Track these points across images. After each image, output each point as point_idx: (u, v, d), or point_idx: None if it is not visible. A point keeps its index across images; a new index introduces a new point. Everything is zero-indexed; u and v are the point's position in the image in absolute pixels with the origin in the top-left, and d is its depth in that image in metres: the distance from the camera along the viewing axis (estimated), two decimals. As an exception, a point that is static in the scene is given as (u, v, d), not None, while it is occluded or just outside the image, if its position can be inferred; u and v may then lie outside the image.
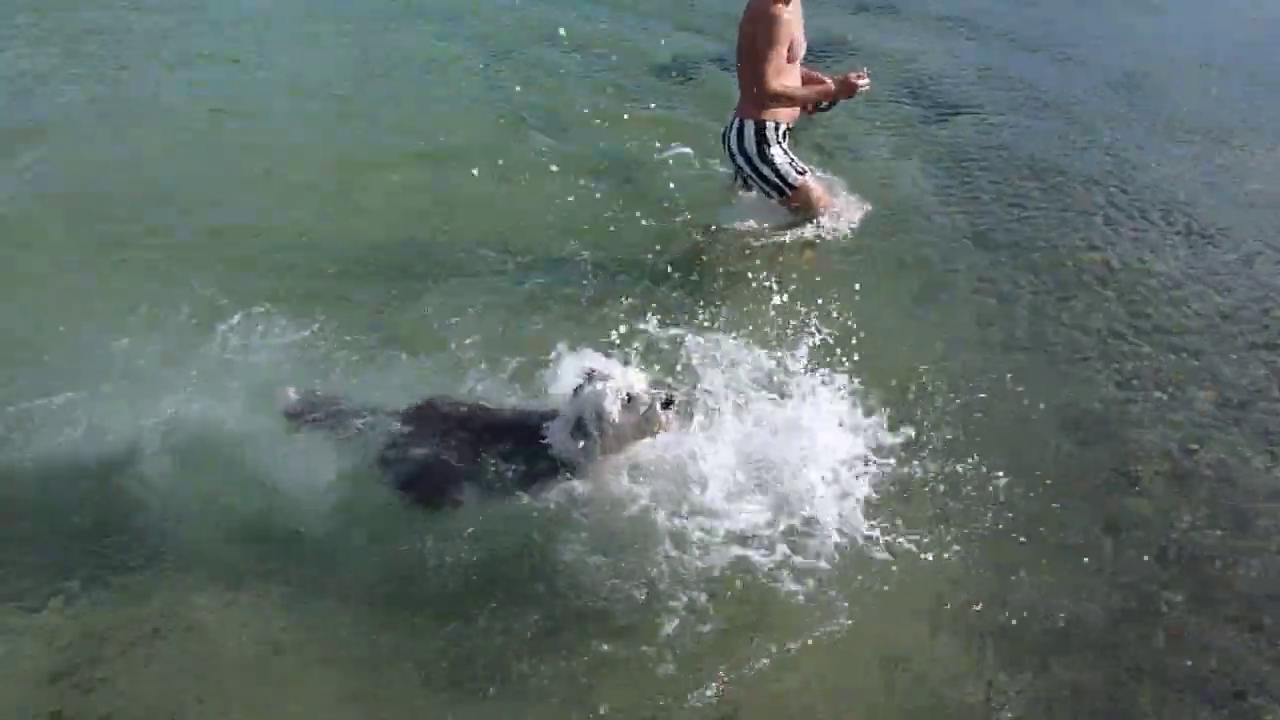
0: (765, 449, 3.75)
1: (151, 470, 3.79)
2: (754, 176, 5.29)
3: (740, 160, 5.28)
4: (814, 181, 5.38)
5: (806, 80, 5.30)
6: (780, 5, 4.85)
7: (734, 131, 5.26)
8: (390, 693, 3.14)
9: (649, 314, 4.46)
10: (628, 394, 3.58)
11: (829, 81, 5.18)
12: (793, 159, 5.27)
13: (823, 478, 3.65)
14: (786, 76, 5.05)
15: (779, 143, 5.23)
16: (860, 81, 5.15)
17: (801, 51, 5.08)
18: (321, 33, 8.90)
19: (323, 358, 4.41)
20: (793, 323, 4.29)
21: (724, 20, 7.43)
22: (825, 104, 5.36)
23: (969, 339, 4.75)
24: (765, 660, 3.19)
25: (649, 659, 3.19)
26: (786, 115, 5.24)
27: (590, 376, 3.63)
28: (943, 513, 3.72)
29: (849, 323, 4.34)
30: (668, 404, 3.61)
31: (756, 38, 4.91)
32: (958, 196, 6.06)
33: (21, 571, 3.52)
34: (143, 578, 3.49)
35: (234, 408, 3.99)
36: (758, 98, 5.04)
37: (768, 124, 5.18)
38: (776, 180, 5.24)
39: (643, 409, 3.60)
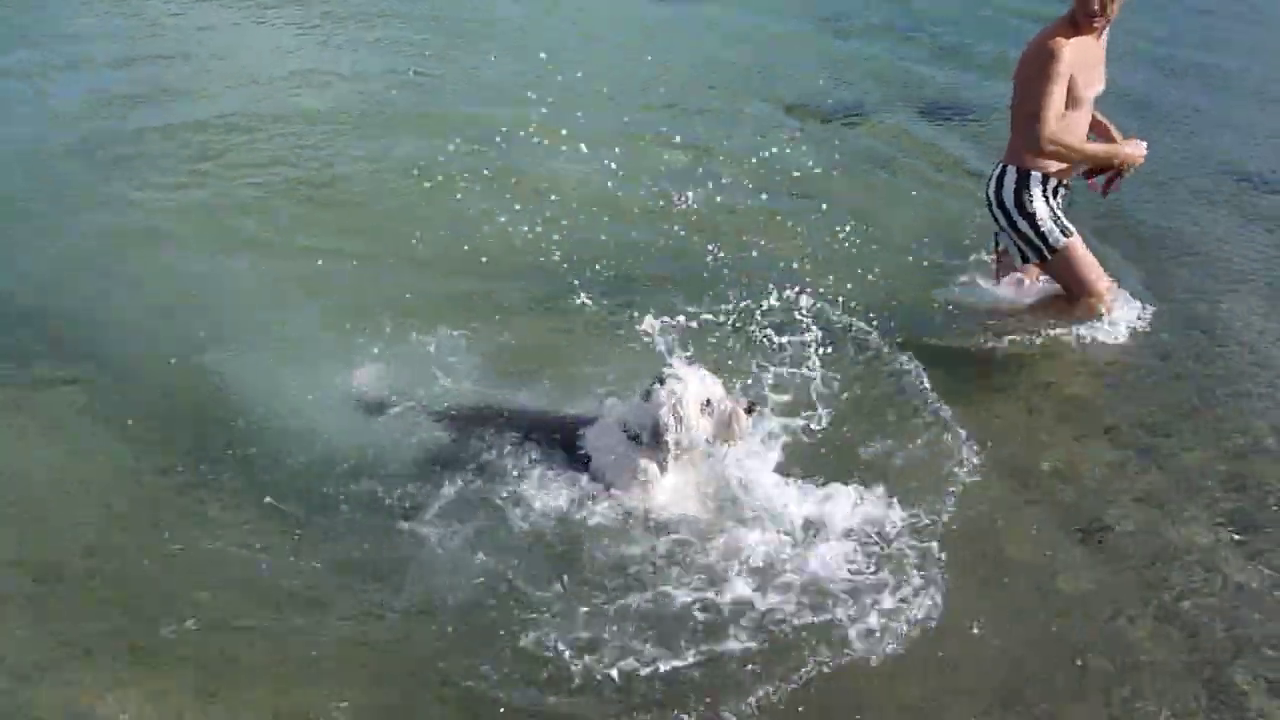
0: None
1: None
2: (1010, 231, 4.62)
3: (997, 211, 4.61)
4: (1084, 250, 4.60)
5: (1099, 131, 4.64)
6: (1059, 40, 4.21)
7: (994, 178, 4.63)
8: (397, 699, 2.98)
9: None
10: (708, 397, 3.35)
11: (1119, 144, 4.50)
12: (1059, 216, 4.56)
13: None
14: (1068, 124, 4.38)
15: (1045, 196, 4.53)
16: (1141, 153, 4.46)
17: (1090, 95, 4.42)
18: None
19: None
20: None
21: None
22: (1098, 174, 4.60)
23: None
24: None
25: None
26: (1059, 168, 4.55)
27: (663, 379, 3.36)
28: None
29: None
30: (749, 410, 3.39)
31: (1031, 76, 4.31)
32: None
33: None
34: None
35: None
36: (1028, 143, 4.40)
37: (1034, 173, 4.51)
38: (1034, 238, 4.54)
39: (723, 414, 3.36)
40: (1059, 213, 4.57)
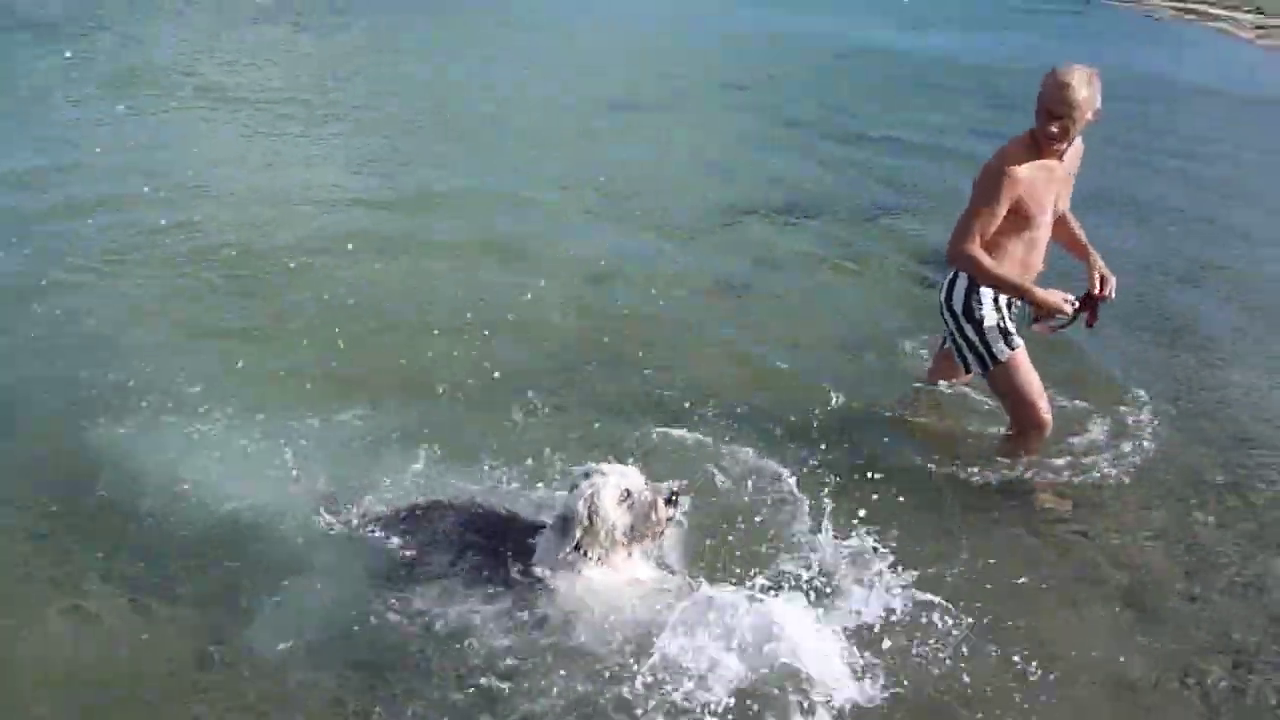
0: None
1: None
2: (957, 335, 4.70)
3: (946, 315, 4.71)
4: (1027, 366, 4.63)
5: (1071, 246, 4.66)
6: (1012, 167, 4.26)
7: (946, 282, 4.71)
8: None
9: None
10: (626, 489, 3.42)
11: (1033, 290, 4.43)
12: (1007, 329, 4.58)
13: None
14: (1023, 245, 4.38)
15: (995, 305, 4.59)
16: (1062, 309, 4.42)
17: (1044, 218, 4.41)
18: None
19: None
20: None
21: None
22: (1057, 318, 4.58)
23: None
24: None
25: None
26: (1015, 279, 4.53)
27: (588, 474, 3.51)
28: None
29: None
30: (670, 500, 3.45)
31: (975, 187, 4.39)
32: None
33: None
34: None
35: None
36: (950, 253, 4.47)
37: (984, 285, 4.55)
38: (979, 345, 4.62)
39: (643, 505, 3.43)
40: (1009, 323, 4.55)
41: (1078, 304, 4.35)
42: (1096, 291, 4.39)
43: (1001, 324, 4.53)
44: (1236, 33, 41.34)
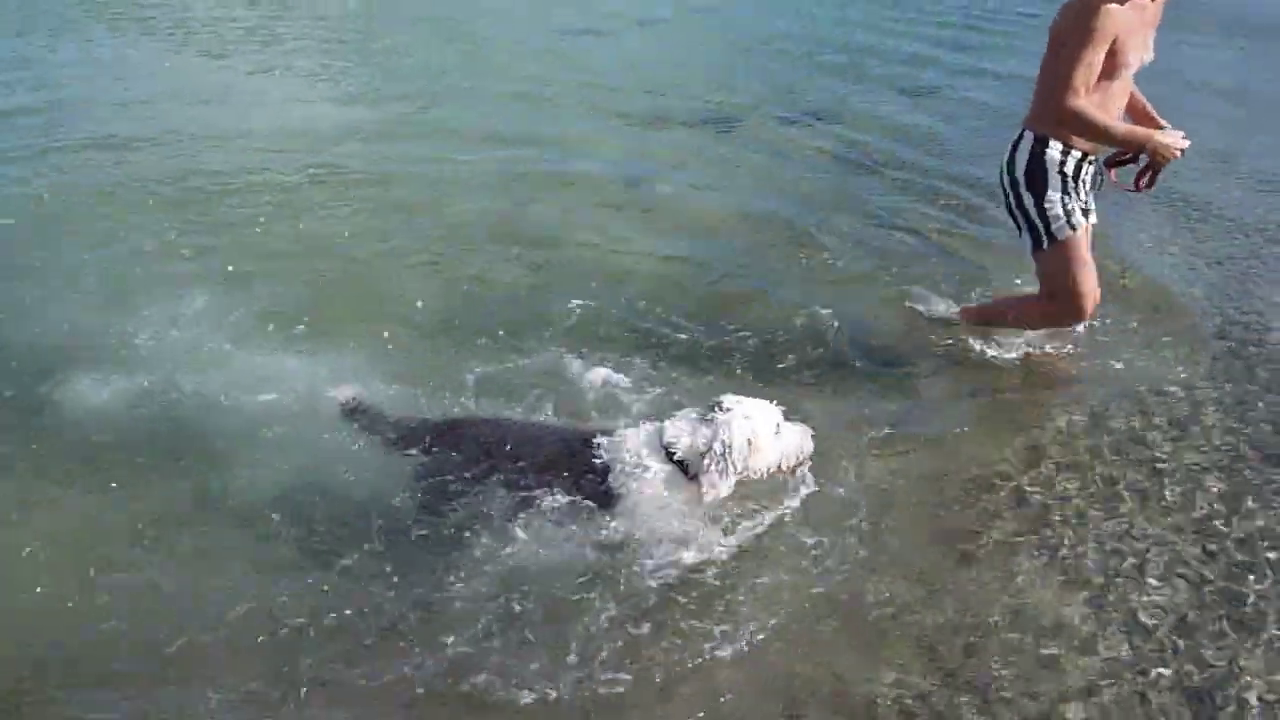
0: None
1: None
2: (1013, 206, 4.02)
3: (1005, 181, 4.03)
4: (1085, 252, 3.98)
5: (1136, 113, 4.01)
6: (1098, 12, 3.59)
7: (1010, 145, 4.03)
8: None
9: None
10: (777, 422, 3.16)
11: (1154, 129, 3.82)
12: (1070, 203, 3.91)
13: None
14: (1101, 95, 3.76)
15: (1062, 172, 3.90)
16: (1179, 144, 3.77)
17: (1135, 64, 3.79)
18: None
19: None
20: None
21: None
22: (1129, 157, 3.95)
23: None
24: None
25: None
26: (1085, 143, 3.91)
27: (722, 405, 3.14)
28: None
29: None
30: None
31: (1067, 30, 3.69)
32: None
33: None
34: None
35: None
36: (1051, 109, 3.78)
37: (1054, 142, 3.88)
38: (1036, 219, 3.94)
39: (793, 441, 3.19)
40: (1074, 197, 3.92)
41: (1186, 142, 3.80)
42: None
43: (1067, 197, 3.90)
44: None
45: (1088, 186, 4.01)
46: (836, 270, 5.36)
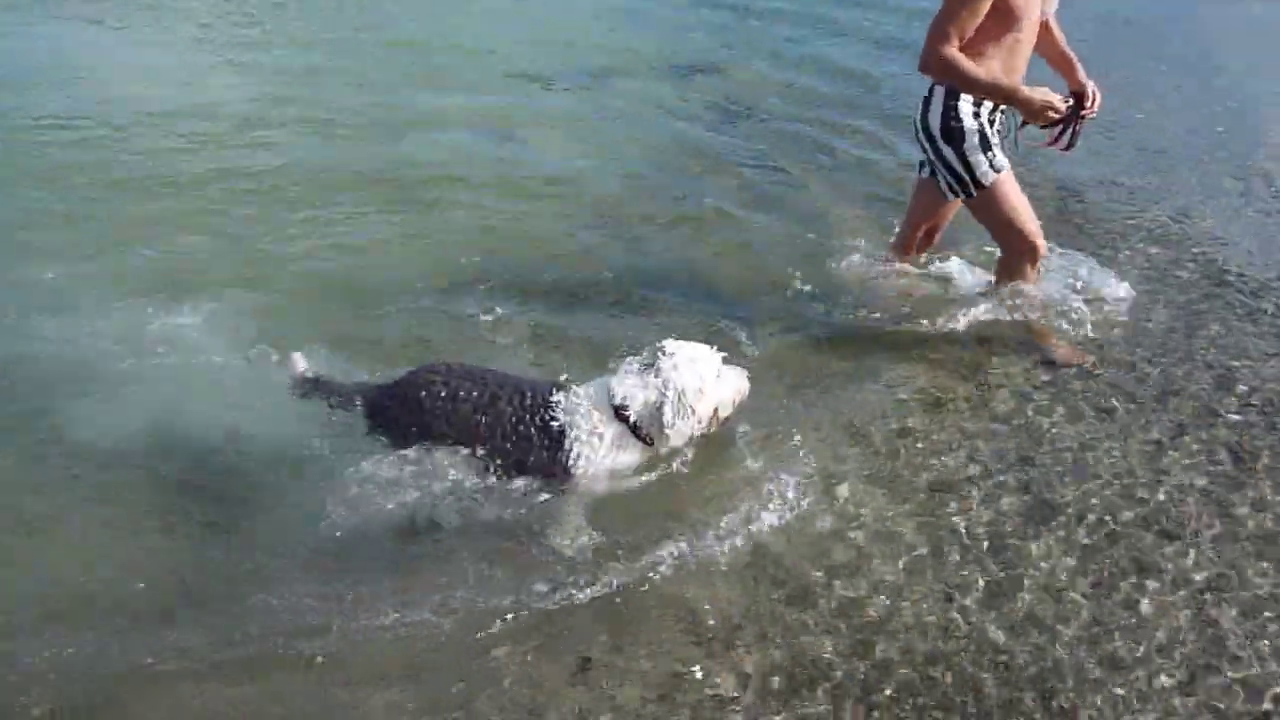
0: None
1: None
2: (936, 160, 4.03)
3: (922, 137, 4.04)
4: (1016, 190, 4.02)
5: (1055, 62, 4.03)
6: None
7: (922, 100, 4.02)
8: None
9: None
10: (717, 369, 3.13)
11: (1022, 89, 3.77)
12: (992, 148, 3.93)
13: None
14: (1004, 52, 3.75)
15: (978, 123, 3.90)
16: (1051, 104, 3.76)
17: (1032, 14, 3.76)
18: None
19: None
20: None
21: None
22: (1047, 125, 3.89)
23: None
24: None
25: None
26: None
27: (666, 350, 3.09)
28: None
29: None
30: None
31: None
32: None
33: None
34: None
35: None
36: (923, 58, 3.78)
37: (963, 94, 3.88)
38: (961, 169, 3.95)
39: (735, 386, 3.18)
40: (993, 142, 3.94)
41: (1069, 105, 3.78)
42: (1084, 106, 3.83)
43: (985, 142, 3.91)
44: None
45: (1001, 136, 4.03)
46: (701, 229, 5.59)
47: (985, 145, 3.91)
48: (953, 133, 3.90)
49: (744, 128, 7.40)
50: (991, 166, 3.93)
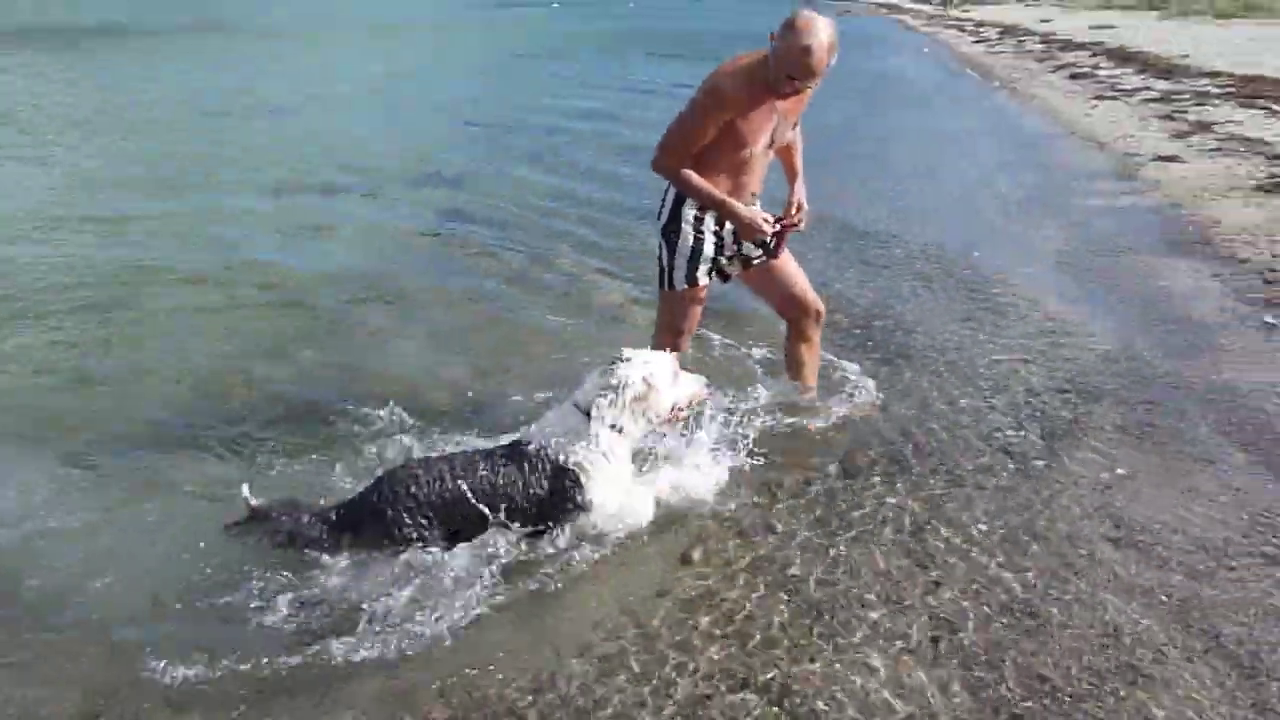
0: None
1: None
2: (658, 247, 4.12)
3: (658, 228, 4.12)
4: (693, 309, 4.11)
5: (789, 174, 4.15)
6: (729, 81, 3.68)
7: (661, 197, 4.10)
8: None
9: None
10: (674, 370, 3.40)
11: (735, 207, 3.82)
12: (696, 259, 3.99)
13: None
14: (734, 168, 3.85)
15: (698, 229, 3.98)
16: (760, 226, 3.84)
17: (760, 151, 3.85)
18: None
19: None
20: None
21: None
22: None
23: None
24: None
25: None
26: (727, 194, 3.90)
27: (625, 359, 3.35)
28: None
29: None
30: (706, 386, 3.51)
31: (692, 99, 3.81)
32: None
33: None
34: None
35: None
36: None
37: (689, 199, 3.98)
38: (665, 264, 4.06)
39: (689, 389, 3.41)
40: (705, 256, 3.99)
41: (777, 225, 3.98)
42: (788, 218, 4.01)
43: (697, 252, 4.01)
44: (910, 20, 46.75)
45: (731, 245, 4.06)
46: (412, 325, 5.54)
47: (694, 256, 4.01)
48: (669, 234, 4.03)
49: (495, 224, 7.73)
50: (685, 278, 4.04)
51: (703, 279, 4.05)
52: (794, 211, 4.01)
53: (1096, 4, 44.30)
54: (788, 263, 4.16)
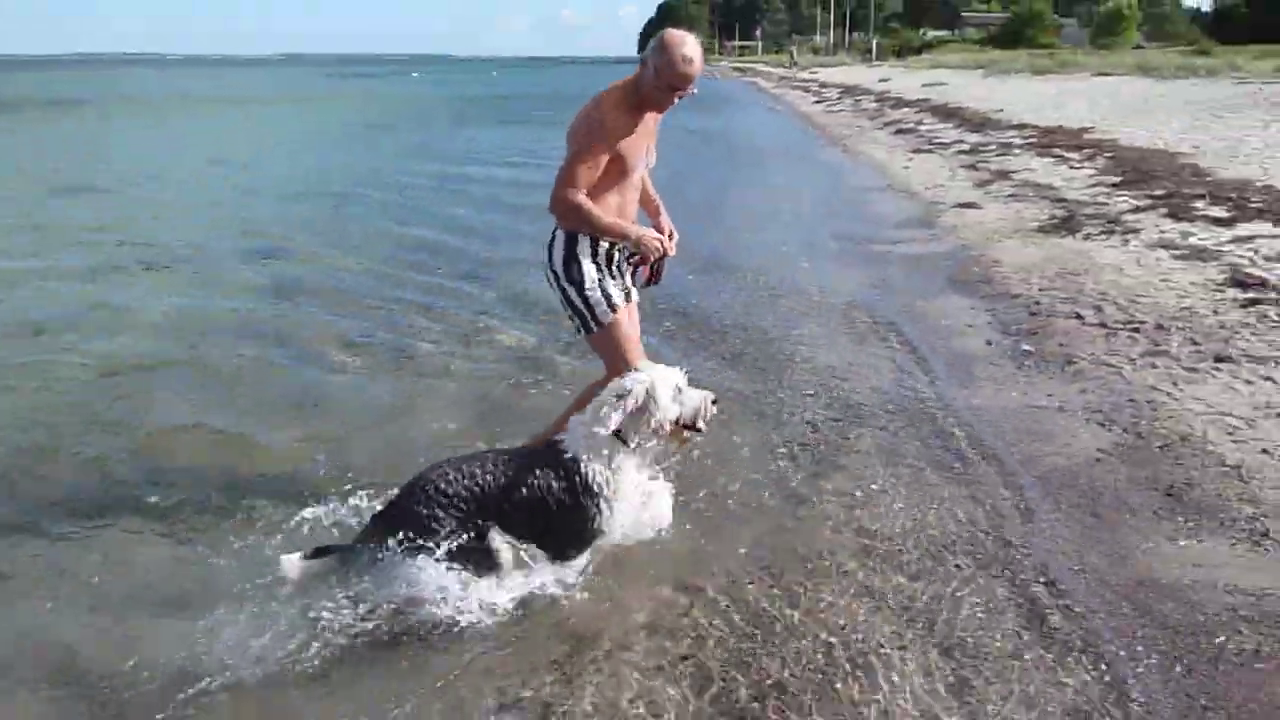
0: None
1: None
2: (561, 300, 4.24)
3: (550, 278, 4.23)
4: (627, 330, 4.24)
5: (650, 211, 4.41)
6: (610, 109, 3.96)
7: (547, 244, 4.21)
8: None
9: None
10: (678, 384, 3.50)
11: (635, 230, 4.07)
12: (607, 289, 4.15)
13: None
14: (618, 194, 4.10)
15: (597, 264, 4.15)
16: (656, 245, 4.09)
17: (639, 169, 4.15)
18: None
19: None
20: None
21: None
22: (635, 261, 4.20)
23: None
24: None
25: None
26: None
27: (633, 376, 3.51)
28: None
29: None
30: (714, 403, 3.57)
31: (576, 133, 4.03)
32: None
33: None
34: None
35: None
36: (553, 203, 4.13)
37: (581, 238, 4.11)
38: (582, 307, 4.17)
39: (692, 402, 3.49)
40: (612, 284, 4.19)
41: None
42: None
43: (604, 283, 4.20)
44: (762, 82, 49.06)
45: (622, 270, 4.28)
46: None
47: (604, 286, 4.17)
48: (574, 274, 4.16)
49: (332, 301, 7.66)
50: (608, 306, 4.18)
51: (621, 301, 4.18)
52: (667, 238, 4.23)
53: (929, 64, 47.63)
54: (634, 318, 4.37)
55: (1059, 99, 22.13)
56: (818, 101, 31.71)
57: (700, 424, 3.50)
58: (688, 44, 3.89)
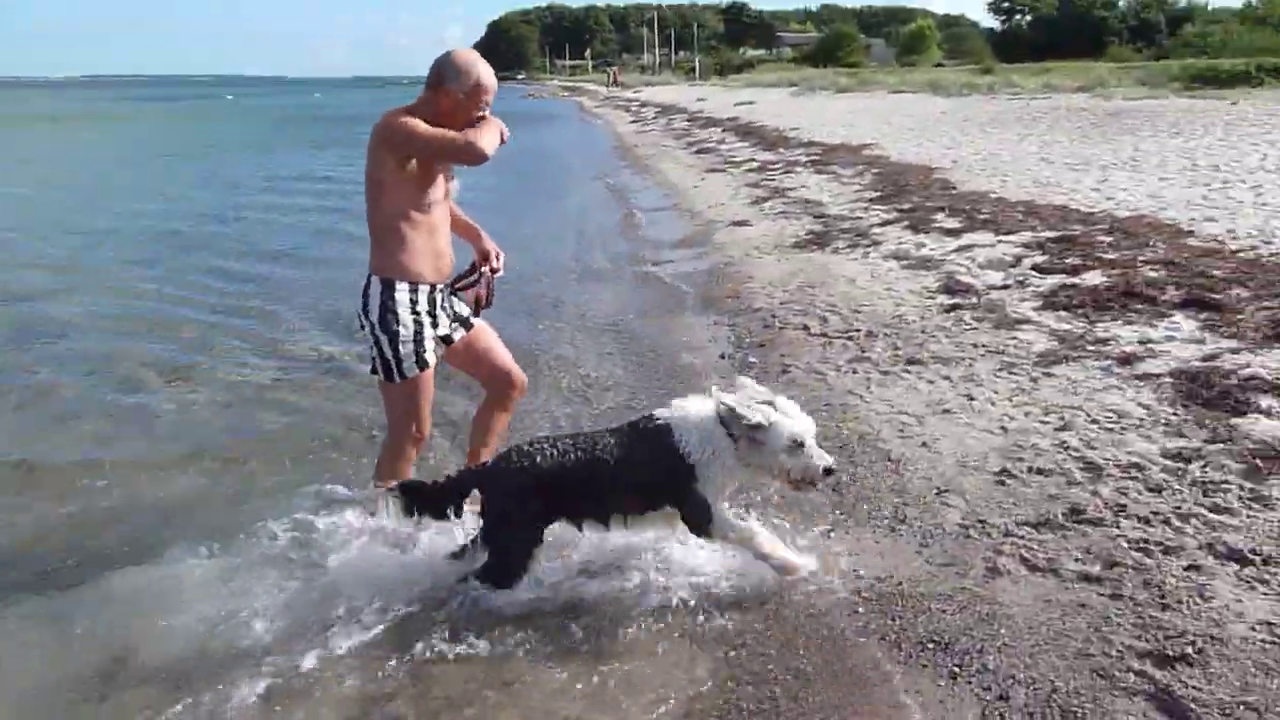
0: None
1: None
2: (371, 344, 4.03)
3: (362, 323, 4.03)
4: (427, 391, 4.10)
5: (461, 229, 4.26)
6: (407, 118, 3.81)
7: (361, 290, 4.04)
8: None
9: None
10: (801, 440, 3.37)
11: (496, 122, 3.94)
12: (421, 342, 3.99)
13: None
14: (424, 200, 3.95)
15: (415, 311, 3.98)
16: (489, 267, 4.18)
17: (446, 187, 4.03)
18: None
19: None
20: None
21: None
22: (470, 280, 4.19)
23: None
24: None
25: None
26: (430, 271, 3.96)
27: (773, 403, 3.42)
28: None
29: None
30: (828, 472, 3.40)
31: (379, 158, 3.87)
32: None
33: None
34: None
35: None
36: (377, 238, 3.94)
37: (398, 283, 3.93)
38: (390, 357, 3.98)
39: (804, 464, 3.36)
40: (430, 335, 4.02)
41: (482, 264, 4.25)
42: (491, 265, 4.27)
43: (420, 335, 4.02)
44: (586, 101, 49.82)
45: (451, 304, 4.15)
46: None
47: (419, 339, 4.02)
48: (387, 325, 3.98)
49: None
50: (416, 363, 4.02)
51: (432, 359, 4.05)
52: (494, 259, 4.24)
53: (745, 82, 49.65)
54: (490, 333, 4.32)
55: (851, 117, 23.52)
56: (633, 121, 32.48)
57: (808, 487, 3.47)
58: (478, 58, 3.97)
